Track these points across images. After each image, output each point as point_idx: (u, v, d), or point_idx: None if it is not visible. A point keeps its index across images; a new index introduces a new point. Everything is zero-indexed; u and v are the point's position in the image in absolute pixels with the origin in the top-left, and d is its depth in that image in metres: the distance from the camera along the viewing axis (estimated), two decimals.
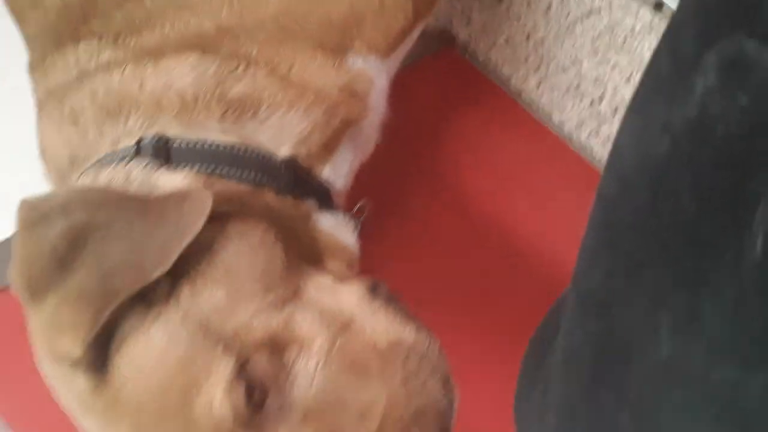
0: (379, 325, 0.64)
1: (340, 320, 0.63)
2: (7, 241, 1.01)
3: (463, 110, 1.36)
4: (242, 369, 0.57)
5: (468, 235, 1.21)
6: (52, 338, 0.57)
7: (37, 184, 1.06)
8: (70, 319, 0.56)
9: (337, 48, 0.79)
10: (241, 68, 0.74)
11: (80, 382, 0.59)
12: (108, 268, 0.56)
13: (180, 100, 0.72)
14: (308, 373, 0.60)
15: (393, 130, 0.95)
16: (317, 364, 0.60)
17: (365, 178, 0.91)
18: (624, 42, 1.25)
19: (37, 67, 0.82)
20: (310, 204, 0.76)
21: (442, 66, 1.40)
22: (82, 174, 0.72)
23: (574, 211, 0.53)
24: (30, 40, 0.86)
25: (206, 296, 0.60)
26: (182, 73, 0.73)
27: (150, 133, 0.71)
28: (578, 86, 1.33)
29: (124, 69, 0.73)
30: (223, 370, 0.57)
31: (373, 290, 0.67)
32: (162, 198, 0.62)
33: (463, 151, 1.30)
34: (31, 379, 0.96)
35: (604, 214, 0.46)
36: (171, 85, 0.72)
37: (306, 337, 0.61)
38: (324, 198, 0.79)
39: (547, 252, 1.19)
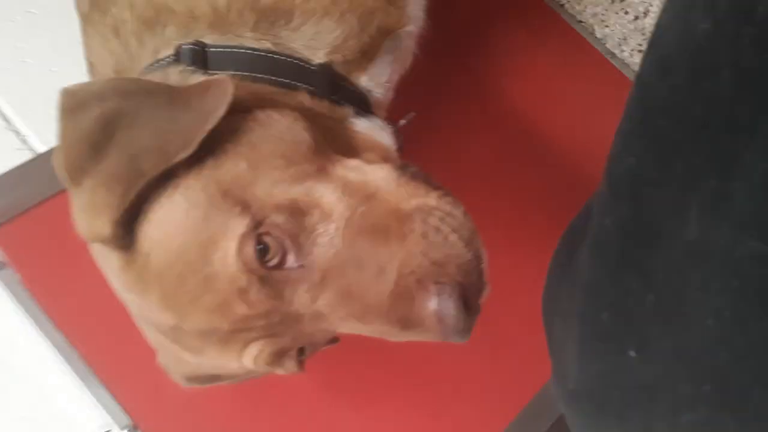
0: (404, 193, 0.64)
1: (364, 191, 0.64)
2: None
3: (504, 23, 1.33)
4: (258, 226, 0.59)
5: (506, 146, 1.21)
6: (89, 220, 0.60)
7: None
8: (103, 201, 0.58)
9: None
10: None
11: (113, 259, 0.63)
12: (135, 151, 0.59)
13: (212, 10, 0.72)
14: (328, 235, 0.61)
15: (434, 40, 0.94)
16: (337, 227, 0.61)
17: (407, 90, 0.91)
18: None
19: None
20: (346, 109, 0.77)
21: None
22: None
23: (613, 127, 0.52)
24: None
25: (228, 167, 0.62)
26: None
27: (188, 41, 0.71)
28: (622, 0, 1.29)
29: None
30: (237, 226, 0.58)
31: (402, 168, 0.67)
32: (188, 86, 0.63)
33: (504, 62, 1.29)
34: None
35: (640, 96, 0.45)
36: None
37: (327, 203, 0.62)
38: (362, 105, 0.80)
39: (583, 164, 1.18)
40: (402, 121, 0.87)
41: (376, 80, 0.83)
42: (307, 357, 0.68)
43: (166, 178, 0.60)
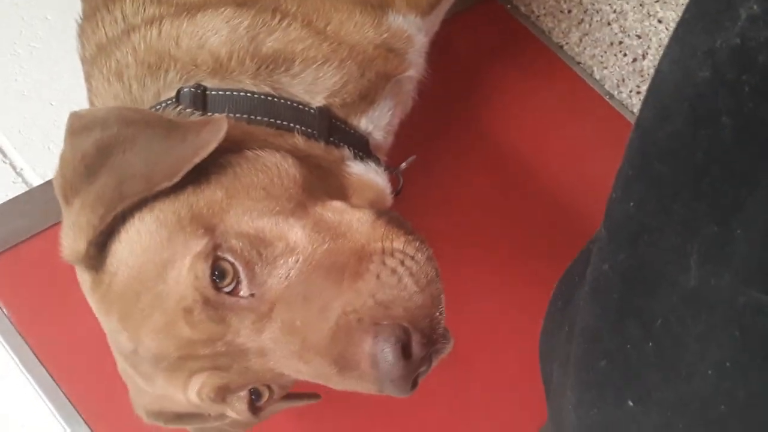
0: (374, 235, 0.62)
1: (335, 230, 0.63)
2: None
3: (504, 64, 1.34)
4: (217, 248, 0.58)
5: (506, 187, 1.21)
6: (71, 239, 0.61)
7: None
8: (85, 221, 0.59)
9: (379, 5, 0.80)
10: (275, 21, 0.75)
11: (85, 278, 0.64)
12: (124, 176, 0.60)
13: (214, 59, 0.73)
14: (286, 268, 0.60)
15: (433, 84, 0.95)
16: (297, 260, 0.60)
17: (408, 133, 0.92)
18: None
19: (88, 19, 0.83)
20: (344, 151, 0.77)
21: (483, 19, 1.38)
22: None
23: (611, 167, 0.52)
24: None
25: (206, 194, 0.62)
26: (216, 29, 0.74)
27: (189, 85, 0.73)
28: (621, 42, 1.30)
29: (161, 24, 0.75)
30: (195, 245, 0.58)
31: (384, 213, 0.66)
32: (187, 121, 0.65)
33: (503, 104, 1.29)
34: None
35: (640, 143, 0.45)
36: (204, 44, 0.73)
37: (293, 237, 0.61)
38: (361, 148, 0.80)
39: (581, 206, 1.18)
40: (403, 165, 0.88)
41: (375, 123, 0.83)
42: (265, 404, 0.65)
43: (145, 202, 0.61)
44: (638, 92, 1.33)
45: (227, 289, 0.58)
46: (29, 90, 1.13)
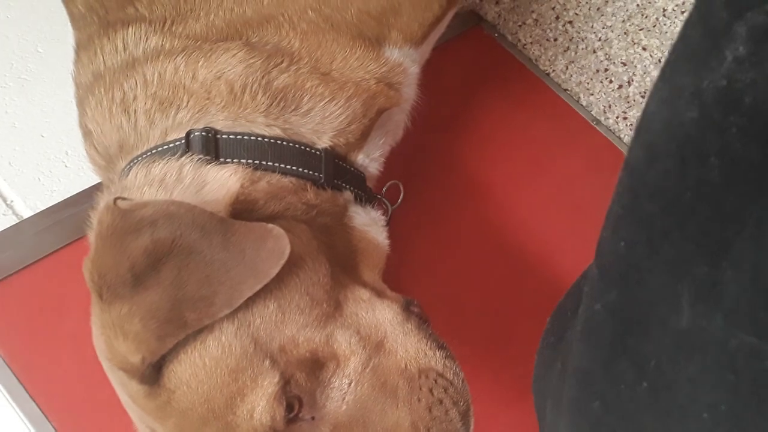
0: (411, 348, 0.67)
1: (375, 339, 0.67)
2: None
3: (491, 91, 1.35)
4: (286, 385, 0.61)
5: (492, 213, 1.21)
6: (114, 338, 0.60)
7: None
8: (135, 330, 0.58)
9: (376, 39, 0.81)
10: (285, 62, 0.76)
11: (134, 385, 0.63)
12: (182, 295, 0.59)
13: (229, 90, 0.73)
14: (341, 390, 0.64)
15: (421, 112, 0.95)
16: (350, 383, 0.64)
17: (394, 161, 0.92)
18: (655, 24, 1.24)
19: (84, 47, 0.82)
20: (346, 196, 0.78)
21: (469, 46, 1.39)
22: (131, 163, 0.74)
23: (600, 194, 0.52)
24: (75, 19, 0.86)
25: (259, 307, 0.63)
26: (232, 64, 0.74)
27: (199, 126, 0.73)
28: (607, 69, 1.32)
29: (176, 60, 0.74)
30: (267, 384, 0.60)
31: (406, 309, 0.70)
32: (244, 230, 0.63)
33: (490, 132, 1.30)
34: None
35: (629, 182, 0.46)
36: (221, 75, 0.74)
37: (343, 355, 0.65)
38: (359, 185, 0.81)
39: (571, 233, 1.19)
40: (384, 190, 0.89)
41: (371, 156, 0.85)
42: None
43: None
44: (625, 118, 1.34)
45: (290, 416, 0.62)
46: (20, 122, 1.13)
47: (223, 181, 0.70)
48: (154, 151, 0.73)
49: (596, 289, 0.47)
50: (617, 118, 1.34)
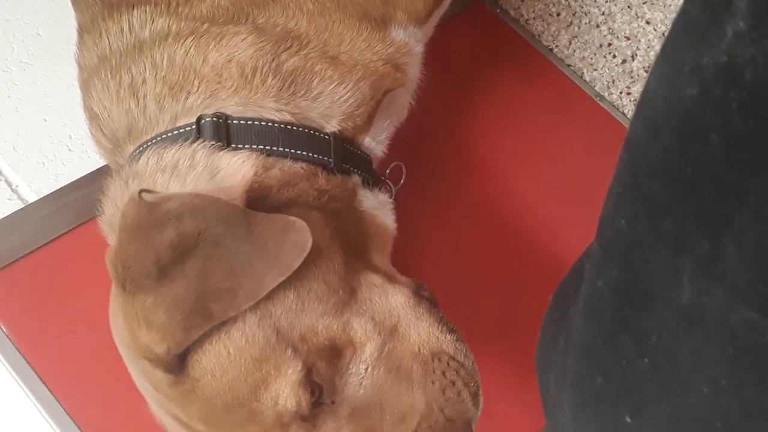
0: (423, 332, 0.70)
1: (389, 324, 0.69)
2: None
3: (493, 67, 1.34)
4: (308, 373, 0.63)
5: (495, 189, 1.21)
6: (137, 329, 0.61)
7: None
8: (160, 321, 0.60)
9: (381, 19, 0.80)
10: (294, 46, 0.76)
11: (158, 374, 0.64)
12: (207, 287, 0.60)
13: (240, 73, 0.73)
14: (359, 375, 0.66)
15: (423, 90, 0.95)
16: (367, 368, 0.67)
17: (396, 140, 0.92)
18: None
19: (88, 29, 0.82)
20: (354, 180, 0.79)
21: (472, 22, 1.38)
22: (141, 148, 0.74)
23: (604, 169, 0.53)
24: (77, 1, 0.86)
25: (279, 298, 0.64)
26: (243, 48, 0.74)
27: (209, 111, 0.73)
28: (610, 43, 1.31)
29: (186, 43, 0.74)
30: (291, 372, 0.63)
31: (417, 293, 0.72)
32: (267, 222, 0.64)
33: (492, 109, 1.29)
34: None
35: (630, 159, 0.46)
36: (232, 58, 0.73)
37: (359, 341, 0.67)
38: (367, 168, 0.82)
39: (573, 209, 1.19)
40: (387, 172, 0.89)
41: (377, 139, 0.85)
42: None
43: None
44: (628, 93, 1.33)
45: (312, 401, 0.64)
46: (22, 106, 1.13)
47: (236, 168, 0.71)
48: (164, 136, 0.73)
49: (598, 266, 0.47)
50: (621, 93, 1.34)
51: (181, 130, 0.72)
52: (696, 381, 0.40)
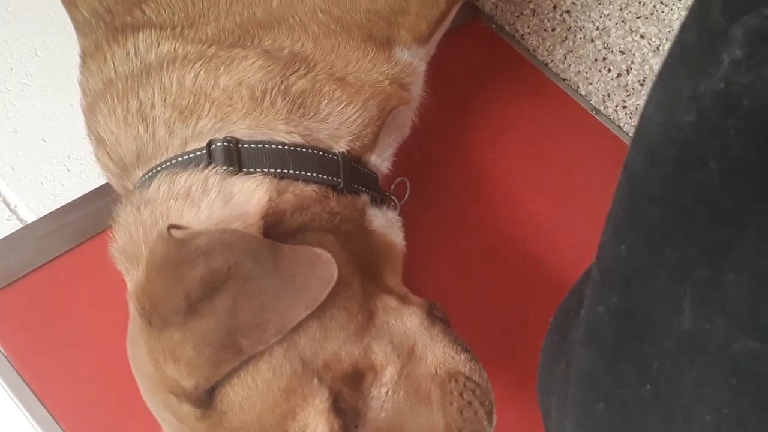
0: (439, 353, 0.71)
1: (406, 346, 0.70)
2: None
3: (489, 82, 1.35)
4: (335, 402, 0.64)
5: (494, 205, 1.21)
6: (164, 363, 0.61)
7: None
8: (188, 357, 0.60)
9: (386, 40, 0.81)
10: (302, 68, 0.76)
11: (184, 408, 0.64)
12: (237, 323, 0.60)
13: (251, 95, 0.73)
14: (380, 399, 0.67)
15: (421, 106, 0.96)
16: (387, 391, 0.67)
17: (396, 156, 0.93)
18: (653, 11, 1.24)
19: (92, 54, 0.81)
20: (363, 199, 0.79)
21: (467, 38, 1.39)
22: (150, 173, 0.74)
23: (601, 182, 0.53)
24: (80, 25, 0.85)
25: (303, 329, 0.64)
26: (252, 71, 0.74)
27: (219, 135, 0.73)
28: (605, 58, 1.32)
29: (195, 67, 0.74)
30: (318, 402, 0.63)
31: (430, 313, 0.73)
32: (293, 255, 0.64)
33: (489, 124, 1.30)
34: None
35: (629, 186, 0.46)
36: (242, 81, 0.74)
37: (380, 365, 0.68)
38: (374, 186, 0.82)
39: (572, 223, 1.19)
40: (392, 187, 0.89)
41: (383, 156, 0.86)
42: None
43: None
44: (624, 106, 1.34)
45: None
46: (21, 127, 1.13)
47: (250, 193, 0.71)
48: (174, 161, 0.73)
49: (598, 291, 0.47)
50: (616, 106, 1.34)
51: (191, 155, 0.72)
52: (698, 409, 0.40)
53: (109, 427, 0.97)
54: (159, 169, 0.73)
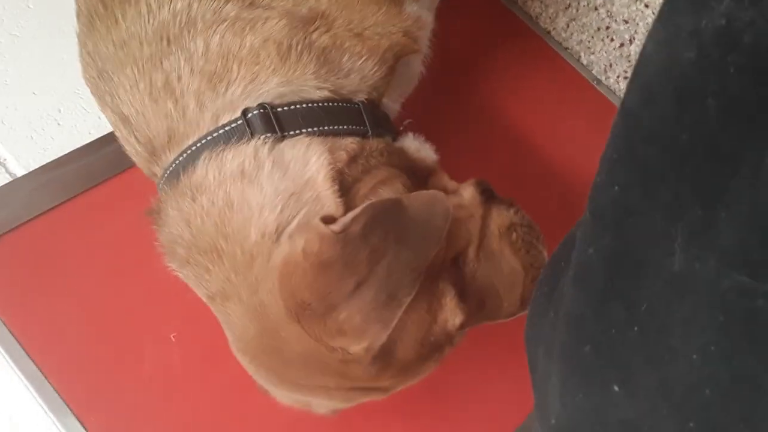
0: (496, 216, 0.80)
1: (475, 225, 0.78)
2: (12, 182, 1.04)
3: (490, 49, 1.33)
4: (457, 292, 0.72)
5: (491, 171, 1.20)
6: (330, 339, 0.65)
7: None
8: (356, 325, 0.64)
9: None
10: (322, 25, 0.76)
11: (361, 368, 0.69)
12: (395, 282, 0.65)
13: (277, 50, 0.72)
14: (472, 272, 0.76)
15: (431, 64, 0.95)
16: (474, 264, 0.76)
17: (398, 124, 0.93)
18: None
19: (98, 14, 0.77)
20: (388, 139, 0.80)
21: (468, 3, 1.37)
22: (185, 155, 0.71)
23: (599, 153, 0.53)
24: None
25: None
26: (277, 29, 0.73)
27: (251, 101, 0.71)
28: (608, 27, 1.30)
29: (220, 28, 0.72)
30: (449, 299, 0.72)
31: (478, 186, 0.81)
32: (417, 202, 0.68)
33: (489, 92, 1.29)
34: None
35: (625, 125, 0.45)
36: (268, 38, 0.72)
37: (463, 248, 0.76)
38: (390, 126, 0.83)
39: (568, 190, 1.18)
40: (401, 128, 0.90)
41: (393, 98, 0.87)
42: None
43: None
44: (625, 77, 1.32)
45: None
46: (11, 80, 1.12)
47: (304, 159, 0.70)
48: (209, 138, 0.70)
49: (589, 234, 0.46)
50: (618, 77, 1.33)
51: (227, 128, 0.70)
52: (685, 349, 0.39)
53: (97, 381, 0.97)
54: (195, 148, 0.71)
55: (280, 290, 0.65)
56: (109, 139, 1.07)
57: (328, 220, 0.64)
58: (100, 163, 1.08)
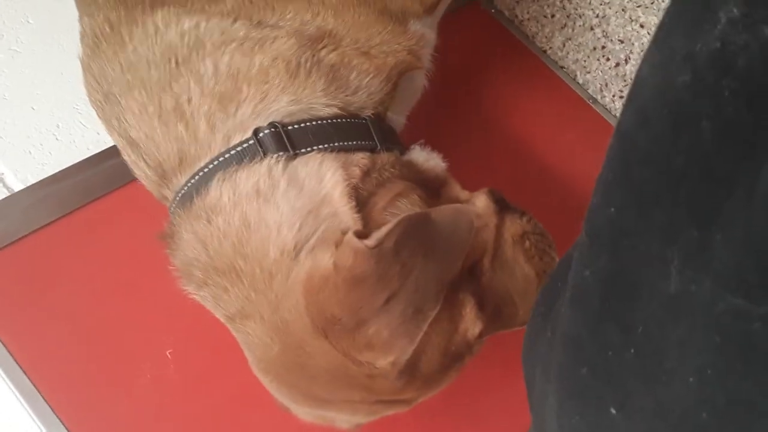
0: (509, 224, 0.81)
1: (489, 234, 0.79)
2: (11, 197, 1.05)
3: (487, 67, 1.34)
4: (476, 301, 0.73)
5: (490, 183, 1.21)
6: (358, 354, 0.66)
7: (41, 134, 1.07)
8: (384, 340, 0.65)
9: (401, 13, 0.84)
10: (330, 43, 0.77)
11: (387, 382, 0.69)
12: (421, 295, 0.66)
13: (286, 68, 0.72)
14: (488, 281, 0.76)
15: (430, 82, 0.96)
16: (488, 274, 0.77)
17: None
18: (653, 1, 1.23)
19: (104, 35, 0.77)
20: (396, 153, 0.80)
21: (466, 22, 1.38)
22: (197, 176, 0.71)
23: (594, 173, 0.53)
24: (86, 3, 0.81)
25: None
26: (285, 48, 0.74)
27: (261, 120, 0.71)
28: (604, 47, 1.31)
29: (229, 49, 0.72)
30: (469, 310, 0.72)
31: (491, 196, 0.82)
32: (440, 216, 0.69)
33: (485, 110, 1.29)
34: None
35: (620, 148, 0.45)
36: (277, 57, 0.73)
37: (479, 258, 0.76)
38: (397, 140, 0.84)
39: (564, 209, 1.18)
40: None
41: (398, 111, 0.88)
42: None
43: None
44: (621, 96, 1.33)
45: None
46: (10, 94, 1.12)
47: (318, 175, 0.70)
48: (221, 160, 0.70)
49: (586, 255, 0.46)
50: (614, 96, 1.33)
51: (239, 149, 0.70)
52: (682, 371, 0.39)
53: (91, 397, 0.96)
54: (207, 170, 0.71)
55: (305, 306, 0.64)
56: (107, 154, 1.07)
57: (361, 234, 0.64)
58: (97, 179, 1.08)
